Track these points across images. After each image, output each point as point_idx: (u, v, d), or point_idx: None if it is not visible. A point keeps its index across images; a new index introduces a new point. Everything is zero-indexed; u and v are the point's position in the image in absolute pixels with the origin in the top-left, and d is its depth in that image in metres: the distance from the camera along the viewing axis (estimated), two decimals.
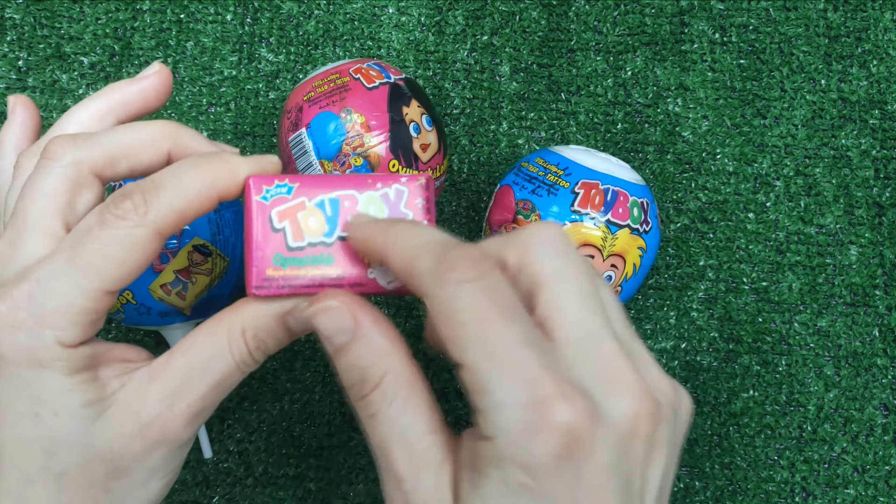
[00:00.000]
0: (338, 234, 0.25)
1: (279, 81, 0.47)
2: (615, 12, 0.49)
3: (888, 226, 0.45)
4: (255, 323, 0.25)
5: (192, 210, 0.24)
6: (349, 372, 0.23)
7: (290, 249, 0.25)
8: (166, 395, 0.24)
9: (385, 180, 0.25)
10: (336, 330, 0.23)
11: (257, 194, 0.25)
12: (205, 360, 0.25)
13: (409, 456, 0.23)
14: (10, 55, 0.47)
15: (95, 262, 0.23)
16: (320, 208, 0.25)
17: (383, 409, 0.23)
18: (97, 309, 0.24)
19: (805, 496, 0.42)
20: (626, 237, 0.37)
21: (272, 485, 0.42)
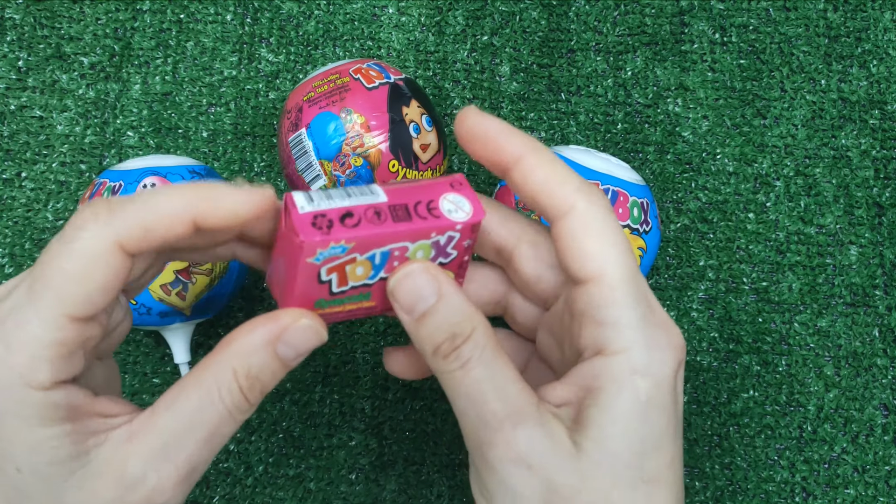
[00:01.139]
0: (381, 275, 0.24)
1: (279, 81, 0.47)
2: (615, 12, 0.49)
3: (888, 226, 0.45)
4: (246, 360, 0.23)
5: (161, 228, 0.22)
6: (437, 332, 0.24)
7: (332, 294, 0.24)
8: (151, 457, 0.22)
9: (441, 228, 0.24)
10: (420, 295, 0.24)
11: (309, 256, 0.23)
12: (192, 413, 0.22)
13: (506, 397, 0.23)
14: (10, 55, 0.47)
15: (54, 284, 0.21)
16: (370, 260, 0.24)
17: (476, 356, 0.23)
18: (67, 339, 0.21)
19: (805, 496, 0.42)
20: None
21: (272, 485, 0.42)
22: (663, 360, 0.24)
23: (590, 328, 0.24)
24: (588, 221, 0.24)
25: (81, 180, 0.45)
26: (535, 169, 0.24)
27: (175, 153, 0.46)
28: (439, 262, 0.25)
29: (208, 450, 0.23)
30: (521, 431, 0.23)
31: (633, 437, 0.23)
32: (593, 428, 0.23)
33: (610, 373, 0.23)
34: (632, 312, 0.24)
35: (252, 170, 0.46)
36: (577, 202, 0.24)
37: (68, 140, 0.46)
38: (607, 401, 0.23)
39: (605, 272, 0.24)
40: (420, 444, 0.42)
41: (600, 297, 0.24)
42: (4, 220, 0.45)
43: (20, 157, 0.46)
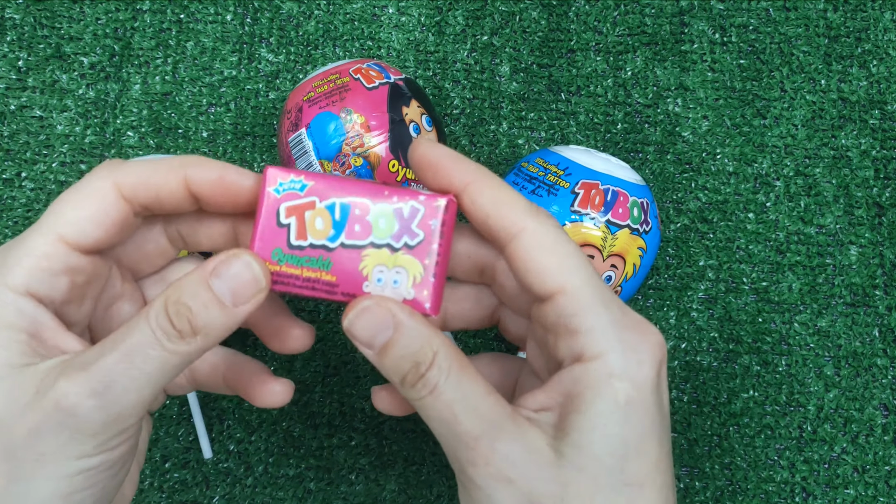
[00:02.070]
0: (342, 240, 0.24)
1: (279, 81, 0.47)
2: (615, 12, 0.49)
3: (888, 226, 0.45)
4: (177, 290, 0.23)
5: (157, 178, 0.24)
6: (401, 362, 0.24)
7: (291, 247, 0.24)
8: (66, 367, 0.22)
9: (403, 195, 0.24)
10: (377, 329, 0.24)
11: (271, 185, 0.24)
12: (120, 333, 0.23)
13: (479, 415, 0.23)
14: (10, 55, 0.47)
15: (54, 209, 0.24)
16: (329, 211, 0.24)
17: (442, 381, 0.24)
18: (51, 255, 0.23)
19: (805, 496, 0.42)
20: (626, 237, 0.37)
21: (272, 485, 0.42)
22: (640, 361, 0.24)
23: (564, 338, 0.24)
24: (540, 239, 0.24)
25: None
26: (483, 193, 0.25)
27: (175, 153, 0.46)
28: (404, 244, 0.24)
29: (127, 367, 0.22)
30: (499, 446, 0.23)
31: (613, 441, 0.23)
32: (574, 433, 0.23)
33: (587, 378, 0.24)
34: (602, 318, 0.24)
35: (252, 170, 0.46)
36: (526, 223, 0.24)
37: (68, 140, 0.46)
38: (586, 406, 0.23)
39: (568, 283, 0.24)
40: (420, 444, 0.42)
41: (569, 307, 0.24)
42: (4, 220, 0.45)
43: (20, 157, 0.46)
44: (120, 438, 0.23)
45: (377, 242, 0.24)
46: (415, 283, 0.25)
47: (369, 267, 0.24)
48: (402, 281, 0.25)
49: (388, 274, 0.25)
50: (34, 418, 0.22)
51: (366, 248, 0.24)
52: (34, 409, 0.22)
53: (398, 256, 0.25)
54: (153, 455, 0.42)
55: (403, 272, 0.25)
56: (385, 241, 0.24)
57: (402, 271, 0.25)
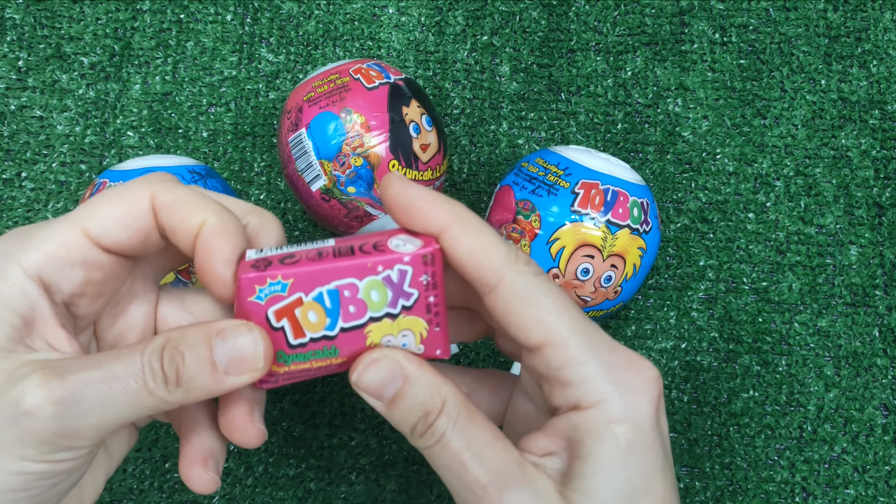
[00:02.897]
0: (340, 325, 0.24)
1: (279, 81, 0.47)
2: (615, 12, 0.49)
3: (888, 226, 0.45)
4: (179, 335, 0.23)
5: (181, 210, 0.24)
6: (410, 412, 0.24)
7: (292, 347, 0.24)
8: (47, 369, 0.22)
9: (387, 261, 0.23)
10: (386, 381, 0.24)
11: (250, 295, 0.23)
12: (110, 354, 0.23)
13: (486, 463, 0.24)
14: (10, 55, 0.47)
15: (89, 203, 0.24)
16: (319, 302, 0.23)
17: (450, 429, 0.24)
18: (70, 244, 0.23)
19: (805, 496, 0.42)
20: (626, 237, 0.37)
21: (272, 485, 0.42)
22: (638, 402, 0.24)
23: (557, 389, 0.24)
24: (519, 290, 0.24)
25: (81, 180, 0.45)
26: (460, 240, 0.24)
27: (175, 153, 0.46)
28: (402, 307, 0.24)
29: (102, 390, 0.22)
30: (507, 495, 0.23)
31: (618, 484, 0.23)
32: (578, 480, 0.23)
33: (586, 426, 0.24)
34: (593, 366, 0.24)
35: (252, 170, 0.46)
36: (504, 274, 0.24)
37: (68, 140, 0.46)
38: (587, 452, 0.23)
39: (552, 335, 0.24)
40: None
41: (557, 359, 0.24)
42: (4, 220, 0.45)
43: (20, 157, 0.46)
44: (69, 454, 0.22)
45: (375, 316, 0.24)
46: (422, 338, 0.24)
47: (376, 339, 0.24)
48: (409, 342, 0.24)
49: (396, 340, 0.24)
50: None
51: (366, 325, 0.24)
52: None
53: (400, 321, 0.24)
54: (153, 455, 0.42)
55: (409, 333, 0.24)
56: (383, 312, 0.24)
57: (408, 333, 0.24)
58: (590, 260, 0.37)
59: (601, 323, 0.44)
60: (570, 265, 0.37)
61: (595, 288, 0.37)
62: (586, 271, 0.37)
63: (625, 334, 0.44)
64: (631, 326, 0.44)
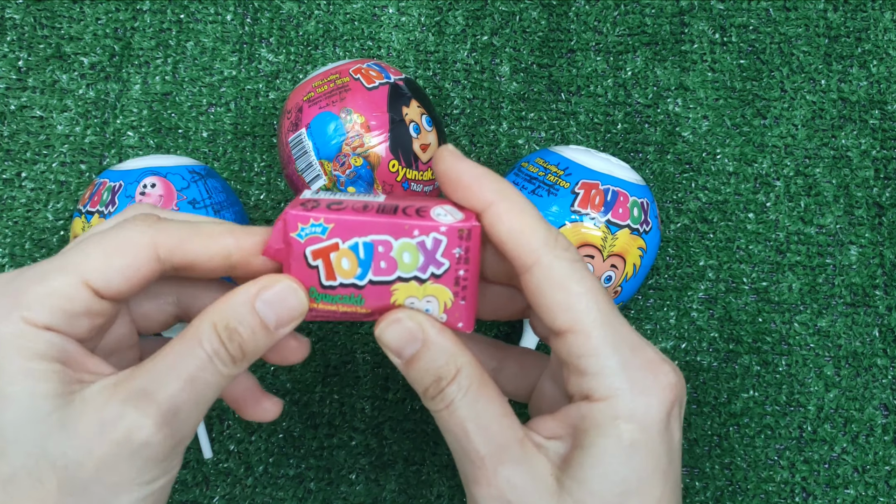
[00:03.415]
0: (369, 277, 0.25)
1: (279, 81, 0.47)
2: (615, 12, 0.49)
3: (888, 226, 0.45)
4: (224, 313, 0.24)
5: (197, 246, 0.24)
6: (425, 374, 0.25)
7: (323, 287, 0.25)
8: (130, 396, 0.23)
9: (424, 227, 0.24)
10: (406, 341, 0.25)
11: (292, 231, 0.24)
12: (173, 359, 0.23)
13: (488, 436, 0.24)
14: (10, 55, 0.47)
15: (84, 252, 0.23)
16: (353, 251, 0.25)
17: (459, 397, 0.24)
18: (74, 297, 0.23)
19: (805, 496, 0.42)
20: (626, 237, 0.37)
21: (272, 485, 0.42)
22: (649, 403, 0.24)
23: (574, 376, 0.25)
24: (553, 274, 0.24)
25: (81, 180, 0.45)
26: (501, 218, 0.24)
27: (175, 153, 0.46)
28: (431, 274, 0.25)
29: (190, 394, 0.23)
30: (502, 469, 0.24)
31: (614, 479, 0.24)
32: (576, 468, 0.24)
33: (593, 417, 0.24)
34: (612, 360, 0.24)
35: (252, 170, 0.46)
36: (540, 256, 0.24)
37: (68, 140, 0.46)
38: (590, 443, 0.24)
39: (578, 322, 0.24)
40: (420, 444, 0.42)
41: (578, 347, 0.24)
42: (4, 220, 0.45)
43: (20, 157, 0.46)
44: (181, 458, 0.24)
45: (404, 276, 0.25)
46: (446, 308, 0.25)
47: (400, 299, 0.25)
48: (433, 308, 0.25)
49: (420, 303, 0.25)
50: (104, 451, 0.22)
51: (394, 282, 0.25)
52: (102, 441, 0.22)
53: (427, 287, 0.25)
54: None
55: (434, 300, 0.25)
56: (412, 274, 0.25)
57: (433, 299, 0.25)
58: (590, 260, 0.37)
59: None
60: None
61: None
62: None
63: None
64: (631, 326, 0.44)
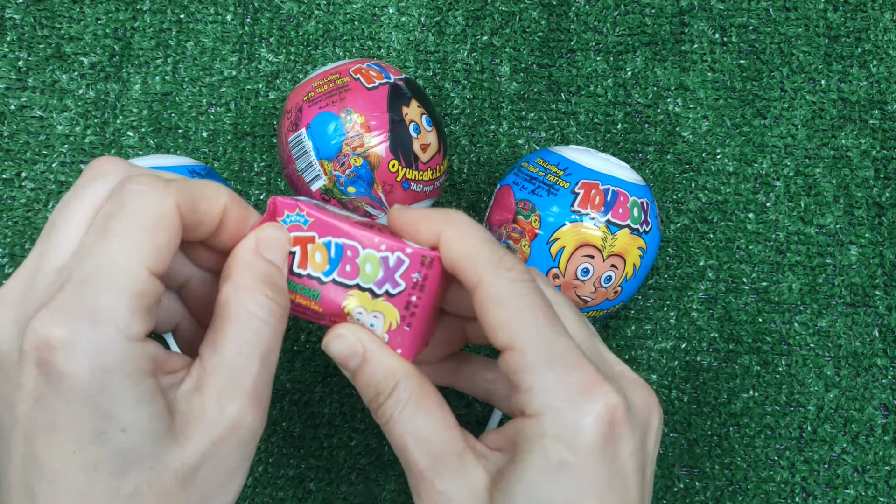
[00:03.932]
0: (333, 276, 0.26)
1: (279, 81, 0.47)
2: (615, 12, 0.49)
3: (888, 226, 0.45)
4: (250, 275, 0.24)
5: (205, 203, 0.24)
6: (366, 388, 0.26)
7: (292, 273, 0.26)
8: (222, 393, 0.23)
9: (391, 245, 0.26)
10: (348, 355, 0.26)
11: (279, 216, 0.26)
12: (240, 343, 0.24)
13: (427, 449, 0.25)
14: (10, 55, 0.47)
15: (130, 238, 0.22)
16: (327, 247, 0.26)
17: (397, 412, 0.25)
18: (147, 291, 0.22)
19: (805, 496, 0.42)
20: (626, 237, 0.37)
21: (272, 485, 0.42)
22: (579, 425, 0.23)
23: (513, 393, 0.25)
24: (494, 293, 0.24)
25: None
26: (451, 244, 0.25)
27: (175, 153, 0.46)
28: (385, 291, 0.26)
29: (266, 367, 0.24)
30: (439, 482, 0.24)
31: (538, 497, 0.24)
32: (506, 483, 0.24)
33: (524, 434, 0.24)
34: (544, 377, 0.24)
35: (252, 170, 0.46)
36: (483, 276, 0.25)
37: (68, 140, 0.46)
38: (520, 460, 0.24)
39: (515, 339, 0.24)
40: None
41: (514, 364, 0.24)
42: (4, 220, 0.45)
43: (20, 157, 0.46)
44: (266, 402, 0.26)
45: (362, 285, 0.26)
46: (390, 329, 0.26)
47: (350, 306, 0.26)
48: (378, 325, 0.26)
49: (367, 317, 0.26)
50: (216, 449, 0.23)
51: (351, 288, 0.26)
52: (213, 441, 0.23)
53: (378, 302, 0.26)
54: None
55: (381, 317, 0.26)
56: (369, 286, 0.26)
57: (380, 316, 0.26)
58: (590, 260, 0.37)
59: (601, 323, 0.44)
60: (570, 265, 0.37)
61: (595, 288, 0.37)
62: (586, 271, 0.37)
63: (625, 334, 0.44)
64: (631, 326, 0.44)
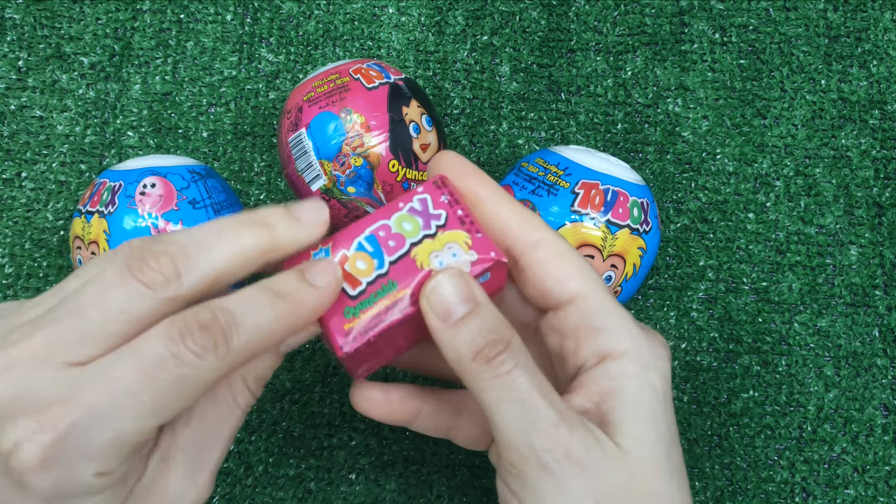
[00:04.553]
0: (387, 260, 0.26)
1: (279, 81, 0.47)
2: (615, 12, 0.49)
3: (888, 226, 0.45)
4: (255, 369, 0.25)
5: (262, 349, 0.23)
6: (478, 337, 0.24)
7: (354, 298, 0.25)
8: (186, 473, 0.24)
9: (406, 197, 0.26)
10: (457, 301, 0.24)
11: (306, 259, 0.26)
12: (213, 424, 0.24)
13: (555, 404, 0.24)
14: (10, 55, 0.47)
15: (158, 398, 0.21)
16: (361, 250, 0.26)
17: (520, 362, 0.24)
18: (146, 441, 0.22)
19: (805, 496, 0.42)
20: (626, 237, 0.37)
21: (272, 485, 0.42)
22: (662, 356, 0.25)
23: (589, 339, 0.25)
24: (558, 248, 0.26)
25: (81, 180, 0.45)
26: (501, 209, 0.27)
27: (175, 153, 0.46)
28: (436, 226, 0.26)
29: (227, 446, 0.25)
30: (576, 434, 0.24)
31: (662, 430, 0.24)
32: (627, 425, 0.24)
33: (625, 372, 0.25)
34: (624, 317, 0.26)
35: (252, 170, 0.46)
36: (544, 234, 0.26)
37: (68, 140, 0.46)
38: (631, 398, 0.24)
39: (587, 286, 0.26)
40: (420, 444, 0.42)
41: (593, 308, 0.25)
42: (4, 220, 0.45)
43: (20, 157, 0.46)
44: None
45: (415, 241, 0.26)
46: (469, 246, 0.26)
47: (423, 258, 0.25)
48: (458, 252, 0.26)
49: (444, 254, 0.26)
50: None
51: (410, 250, 0.26)
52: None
53: (440, 238, 0.26)
54: None
55: (454, 245, 0.26)
56: (421, 236, 0.26)
57: (453, 245, 0.26)
58: (590, 260, 0.37)
59: None
60: None
61: None
62: None
63: None
64: None
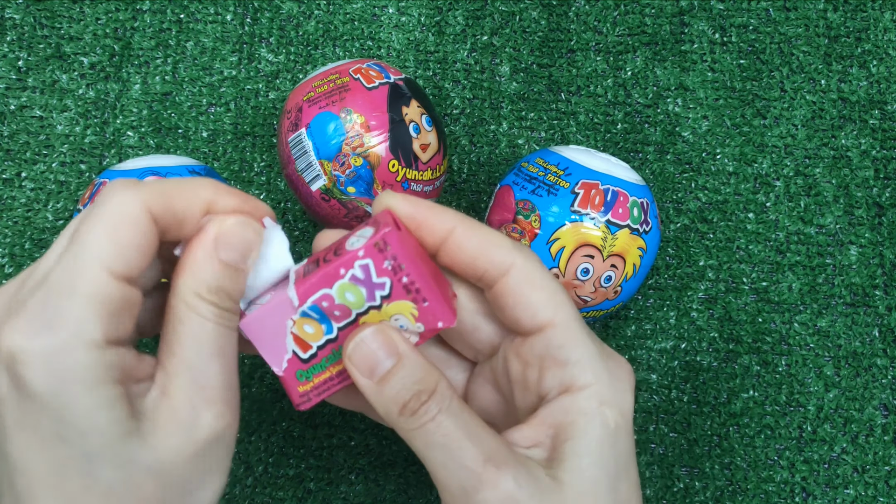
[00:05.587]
0: (336, 327, 0.25)
1: (279, 81, 0.47)
2: (615, 12, 0.49)
3: (888, 226, 0.45)
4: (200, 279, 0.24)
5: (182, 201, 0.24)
6: (402, 391, 0.24)
7: (306, 361, 0.25)
8: (190, 395, 0.23)
9: (345, 262, 0.24)
10: (379, 358, 0.24)
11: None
12: (193, 345, 0.24)
13: (483, 446, 0.24)
14: (10, 55, 0.47)
15: (91, 241, 0.22)
16: (307, 316, 0.25)
17: (444, 407, 0.24)
18: (111, 296, 0.22)
19: (805, 496, 0.42)
20: (626, 237, 0.37)
21: (272, 485, 0.42)
22: (623, 389, 0.26)
23: (553, 370, 0.25)
24: (530, 275, 0.26)
25: (81, 180, 0.45)
26: (467, 236, 0.26)
27: (175, 153, 0.46)
28: (380, 297, 0.24)
29: (225, 364, 0.24)
30: (505, 472, 0.24)
31: (607, 463, 0.25)
32: (571, 459, 0.24)
33: (579, 407, 0.25)
34: (590, 349, 0.26)
35: (252, 170, 0.46)
36: (515, 259, 0.26)
37: (68, 140, 0.46)
38: (580, 432, 0.25)
39: (557, 316, 0.25)
40: None
41: (559, 339, 0.25)
42: (4, 220, 0.45)
43: (20, 157, 0.46)
44: None
45: (361, 311, 0.25)
46: (416, 318, 0.25)
47: None
48: (405, 324, 0.25)
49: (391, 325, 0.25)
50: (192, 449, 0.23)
51: (358, 319, 0.25)
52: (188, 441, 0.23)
53: (385, 309, 0.25)
54: None
55: (401, 317, 0.25)
56: (366, 307, 0.25)
57: (399, 317, 0.25)
58: (590, 260, 0.37)
59: (601, 323, 0.44)
60: (570, 265, 0.37)
61: (595, 288, 0.37)
62: (586, 271, 0.37)
63: (625, 334, 0.44)
64: (631, 326, 0.44)
